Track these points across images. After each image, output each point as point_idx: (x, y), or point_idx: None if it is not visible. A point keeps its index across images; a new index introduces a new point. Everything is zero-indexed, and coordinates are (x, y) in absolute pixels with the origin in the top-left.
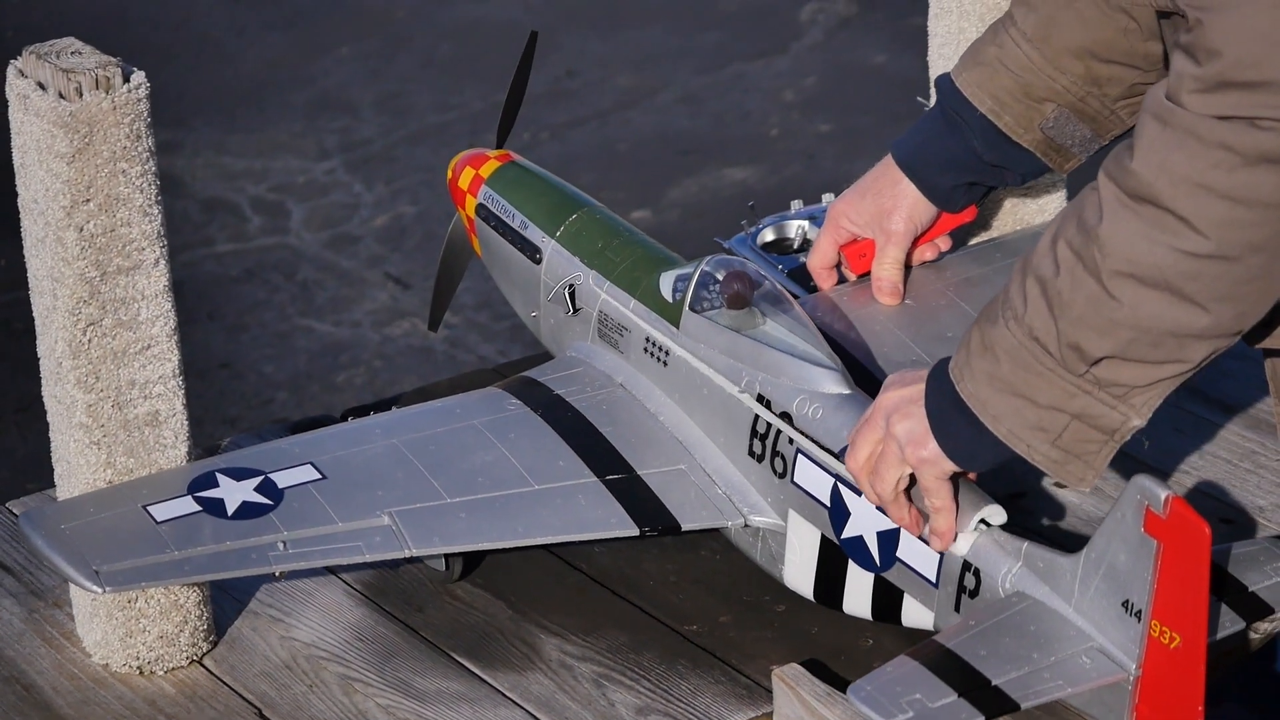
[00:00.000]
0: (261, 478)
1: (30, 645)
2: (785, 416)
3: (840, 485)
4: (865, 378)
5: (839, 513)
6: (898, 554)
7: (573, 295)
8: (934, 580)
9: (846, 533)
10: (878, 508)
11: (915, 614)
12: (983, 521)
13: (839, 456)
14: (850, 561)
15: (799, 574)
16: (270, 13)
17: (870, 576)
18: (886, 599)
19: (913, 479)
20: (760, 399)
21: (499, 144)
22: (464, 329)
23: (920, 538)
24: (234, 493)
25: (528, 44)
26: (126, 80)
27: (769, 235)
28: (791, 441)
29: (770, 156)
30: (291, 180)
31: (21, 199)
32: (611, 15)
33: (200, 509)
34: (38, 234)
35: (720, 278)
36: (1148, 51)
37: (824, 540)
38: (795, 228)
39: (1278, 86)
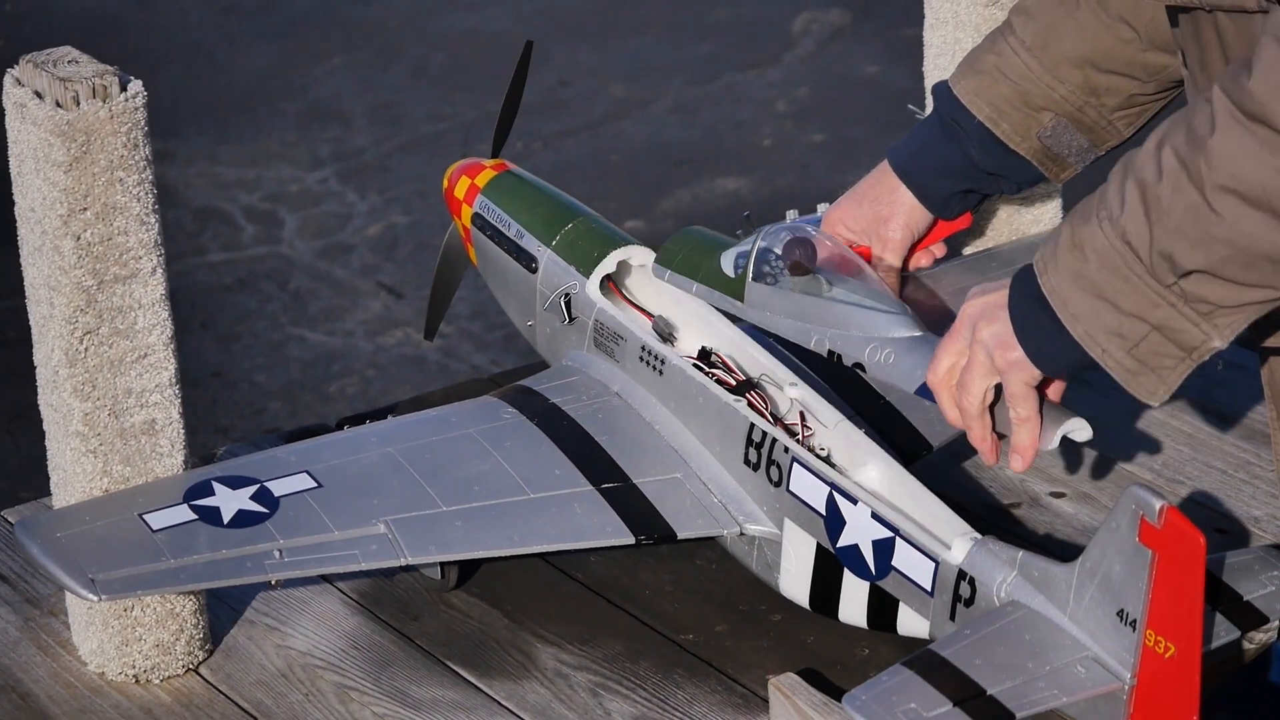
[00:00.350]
0: (257, 486)
1: (26, 653)
2: (859, 367)
3: (836, 494)
4: (862, 387)
5: (834, 521)
6: (893, 562)
7: (569, 304)
8: (929, 589)
9: (842, 541)
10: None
11: (910, 623)
12: (1067, 438)
13: (834, 465)
14: (846, 570)
15: (794, 583)
16: (262, 23)
17: (866, 585)
18: (882, 608)
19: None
20: (831, 354)
21: (494, 153)
22: (457, 338)
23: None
24: (230, 501)
25: (523, 53)
26: (124, 89)
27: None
28: (787, 450)
29: (763, 167)
30: (284, 189)
31: (18, 207)
32: (604, 26)
33: (196, 517)
34: (34, 242)
35: (779, 250)
36: (1146, 62)
37: (819, 549)
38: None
39: None
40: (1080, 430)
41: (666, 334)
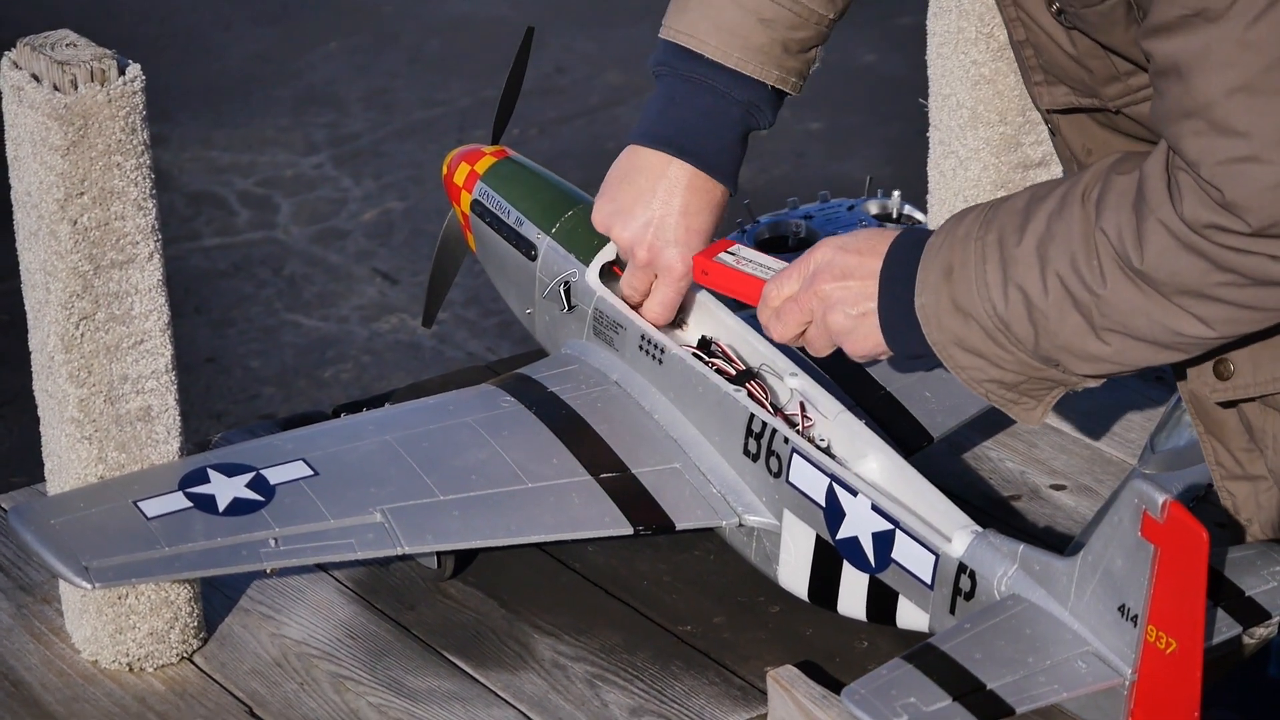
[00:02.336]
0: (253, 474)
1: (19, 641)
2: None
3: (835, 485)
4: (863, 378)
5: (834, 513)
6: (893, 555)
7: (568, 292)
8: (929, 582)
9: (842, 533)
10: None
11: (910, 616)
12: None
13: (834, 456)
14: (845, 562)
15: (793, 574)
16: (257, 7)
17: (865, 578)
18: (881, 600)
19: None
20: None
21: (494, 139)
22: (452, 325)
23: None
24: (225, 489)
25: (524, 39)
26: (122, 73)
27: (765, 234)
28: (787, 441)
29: (759, 155)
30: (279, 174)
31: (15, 192)
32: (600, 13)
33: (191, 505)
34: (31, 227)
35: None
36: None
37: (819, 541)
38: (792, 226)
39: None
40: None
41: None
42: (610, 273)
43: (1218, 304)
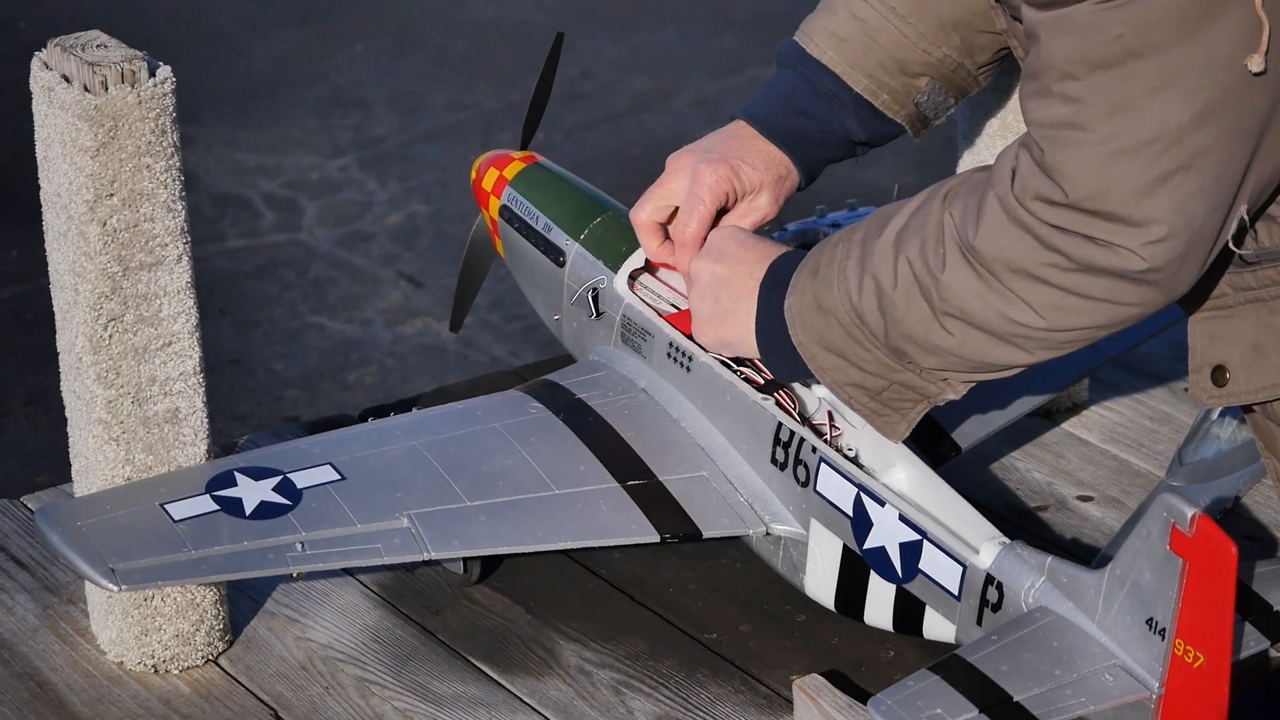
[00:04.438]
0: (280, 478)
1: (44, 642)
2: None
3: (863, 495)
4: None
5: (861, 523)
6: (920, 565)
7: (596, 299)
8: (956, 593)
9: (869, 543)
10: None
11: (937, 626)
12: None
13: (862, 466)
14: (872, 572)
15: (820, 584)
16: (284, 9)
17: (892, 588)
18: (908, 611)
19: None
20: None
21: (523, 145)
22: (477, 329)
23: None
24: (252, 492)
25: (554, 45)
26: (152, 74)
27: (792, 242)
28: (815, 450)
29: None
30: (304, 177)
31: (44, 192)
32: (626, 18)
33: (218, 508)
34: (60, 228)
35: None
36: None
37: (846, 550)
38: (820, 234)
39: (1115, 216)
40: None
41: None
42: (638, 280)
43: (1044, 286)
